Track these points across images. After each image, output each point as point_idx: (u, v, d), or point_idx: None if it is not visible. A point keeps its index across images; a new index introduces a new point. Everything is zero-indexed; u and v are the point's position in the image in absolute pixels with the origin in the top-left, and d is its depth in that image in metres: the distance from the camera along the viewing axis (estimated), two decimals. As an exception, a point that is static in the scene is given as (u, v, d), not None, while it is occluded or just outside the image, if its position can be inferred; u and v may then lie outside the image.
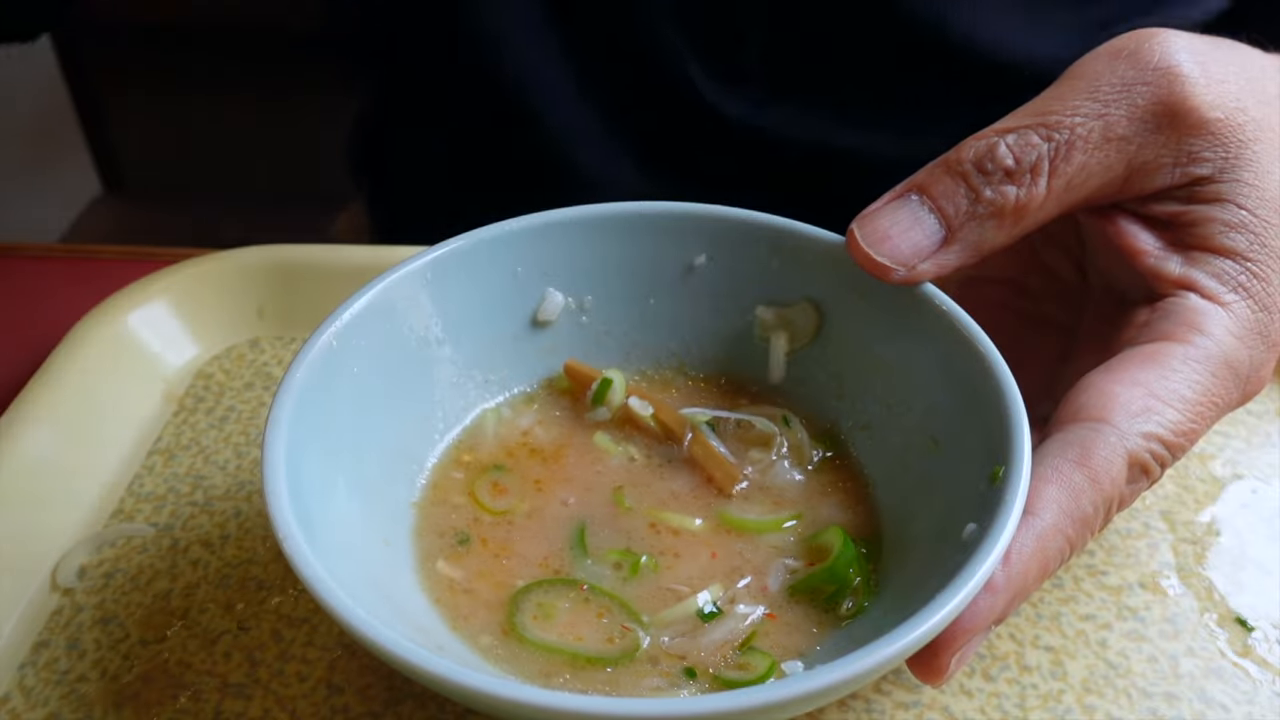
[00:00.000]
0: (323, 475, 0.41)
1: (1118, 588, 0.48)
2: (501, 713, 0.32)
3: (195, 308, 0.61)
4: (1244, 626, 0.46)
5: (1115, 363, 0.43)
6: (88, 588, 0.47)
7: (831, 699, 0.36)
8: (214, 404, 0.58)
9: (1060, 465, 0.39)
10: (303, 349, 0.42)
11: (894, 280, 0.44)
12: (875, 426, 0.48)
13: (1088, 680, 0.44)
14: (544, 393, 0.51)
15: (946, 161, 0.44)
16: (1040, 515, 0.38)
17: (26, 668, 0.44)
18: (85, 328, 0.58)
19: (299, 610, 0.46)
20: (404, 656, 0.32)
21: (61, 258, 0.72)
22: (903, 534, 0.44)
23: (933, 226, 0.44)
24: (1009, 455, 0.38)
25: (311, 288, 0.62)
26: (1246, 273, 0.44)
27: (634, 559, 0.44)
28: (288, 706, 0.42)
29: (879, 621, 0.39)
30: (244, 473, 0.53)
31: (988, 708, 0.43)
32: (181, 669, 0.44)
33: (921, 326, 0.45)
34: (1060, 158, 0.43)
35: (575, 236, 0.50)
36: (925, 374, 0.45)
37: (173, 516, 0.51)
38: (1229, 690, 0.44)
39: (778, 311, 0.50)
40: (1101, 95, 0.44)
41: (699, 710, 0.31)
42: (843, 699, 0.43)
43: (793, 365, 0.51)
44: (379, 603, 0.38)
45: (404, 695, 0.43)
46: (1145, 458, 0.40)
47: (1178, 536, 0.51)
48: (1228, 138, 0.44)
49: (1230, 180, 0.44)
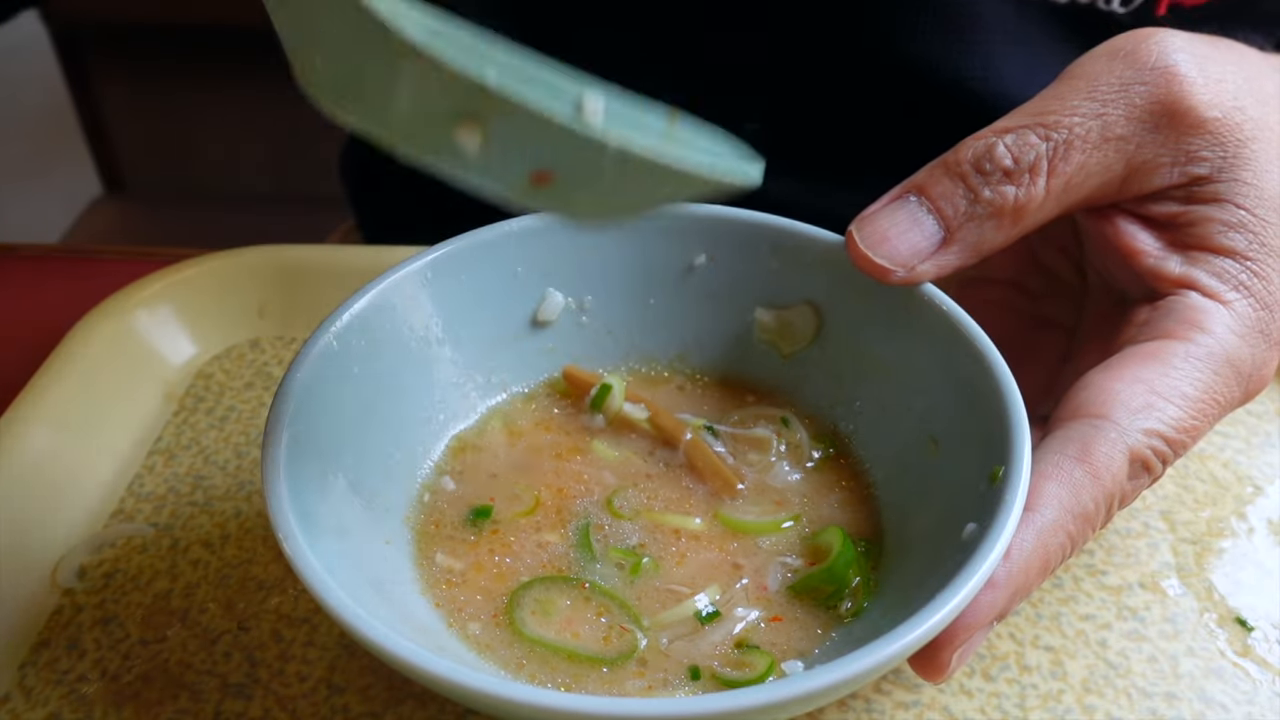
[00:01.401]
0: (323, 475, 0.41)
1: (1118, 588, 0.48)
2: (501, 713, 0.32)
3: (195, 308, 0.61)
4: (1244, 626, 0.46)
5: (1115, 361, 0.43)
6: (88, 588, 0.47)
7: (831, 699, 0.36)
8: (214, 404, 0.58)
9: (1061, 462, 0.39)
10: (303, 349, 0.42)
11: (893, 281, 0.44)
12: (875, 427, 0.48)
13: (1088, 680, 0.44)
14: (544, 393, 0.51)
15: (945, 162, 0.44)
16: (1041, 511, 0.38)
17: (26, 668, 0.44)
18: (85, 328, 0.58)
19: (299, 610, 0.46)
20: (404, 656, 0.32)
21: (61, 258, 0.72)
22: (903, 534, 0.44)
23: (931, 228, 0.44)
24: (1009, 455, 0.38)
25: (311, 288, 0.62)
26: (1247, 271, 0.44)
27: (636, 559, 0.44)
28: (288, 706, 0.42)
29: (879, 621, 0.39)
30: (244, 473, 0.53)
31: (988, 708, 0.43)
32: (181, 669, 0.44)
33: (921, 327, 0.45)
34: (1059, 158, 0.43)
35: (576, 236, 0.50)
36: (925, 374, 0.45)
37: (173, 516, 0.51)
38: (1229, 690, 0.44)
39: (777, 313, 0.50)
40: (1099, 95, 0.44)
41: (699, 710, 0.31)
42: (843, 699, 0.43)
43: (792, 366, 0.51)
44: (379, 603, 0.38)
45: (404, 695, 0.43)
46: (1146, 454, 0.40)
47: (1178, 536, 0.51)
48: (1226, 137, 0.44)
49: (1229, 180, 0.44)
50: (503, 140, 0.31)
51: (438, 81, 0.30)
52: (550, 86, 0.32)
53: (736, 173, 0.32)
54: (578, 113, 0.31)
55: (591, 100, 0.31)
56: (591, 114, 0.31)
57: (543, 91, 0.31)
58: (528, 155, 0.31)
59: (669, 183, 0.32)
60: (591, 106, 0.31)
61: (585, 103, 0.31)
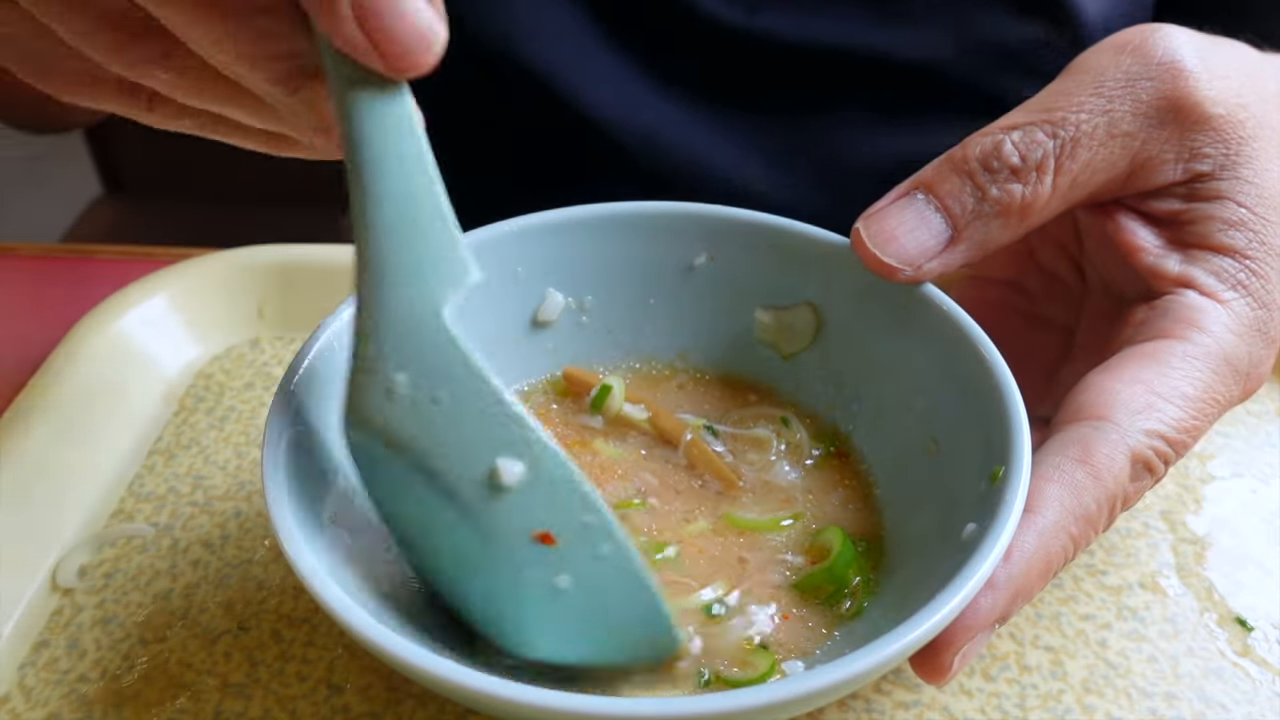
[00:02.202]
0: (323, 475, 0.41)
1: (1118, 588, 0.48)
2: (501, 713, 0.32)
3: (195, 308, 0.61)
4: (1244, 626, 0.46)
5: (1115, 362, 0.43)
6: (88, 588, 0.47)
7: (831, 699, 0.36)
8: (214, 404, 0.58)
9: (1062, 464, 0.39)
10: (303, 349, 0.42)
11: (900, 280, 0.44)
12: (875, 426, 0.48)
13: (1088, 680, 0.44)
14: (544, 392, 0.51)
15: (952, 159, 0.44)
16: (1042, 513, 0.38)
17: (26, 668, 0.44)
18: (85, 327, 0.58)
19: (299, 610, 0.46)
20: (404, 656, 0.32)
21: (61, 258, 0.72)
22: (903, 534, 0.44)
23: (939, 226, 0.44)
24: (1009, 455, 0.38)
25: (311, 288, 0.62)
26: (1245, 270, 0.44)
27: (660, 546, 0.44)
28: (288, 706, 0.42)
29: (879, 621, 0.39)
30: (244, 473, 0.53)
31: (988, 708, 0.43)
32: (181, 669, 0.44)
33: (921, 327, 0.45)
34: (1066, 155, 0.43)
35: (576, 236, 0.50)
36: (925, 374, 0.45)
37: (173, 516, 0.51)
38: (1229, 690, 0.44)
39: (777, 313, 0.50)
40: (1106, 91, 0.44)
41: (699, 710, 0.31)
42: (843, 699, 0.43)
43: (792, 366, 0.51)
44: (379, 603, 0.38)
45: (404, 695, 0.43)
46: (1148, 454, 0.40)
47: (1178, 536, 0.51)
48: (1229, 134, 0.44)
49: (1230, 178, 0.44)
50: (532, 490, 0.35)
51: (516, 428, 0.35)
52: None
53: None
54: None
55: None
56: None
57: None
58: (544, 515, 0.36)
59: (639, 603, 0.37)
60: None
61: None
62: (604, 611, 0.37)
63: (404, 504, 0.37)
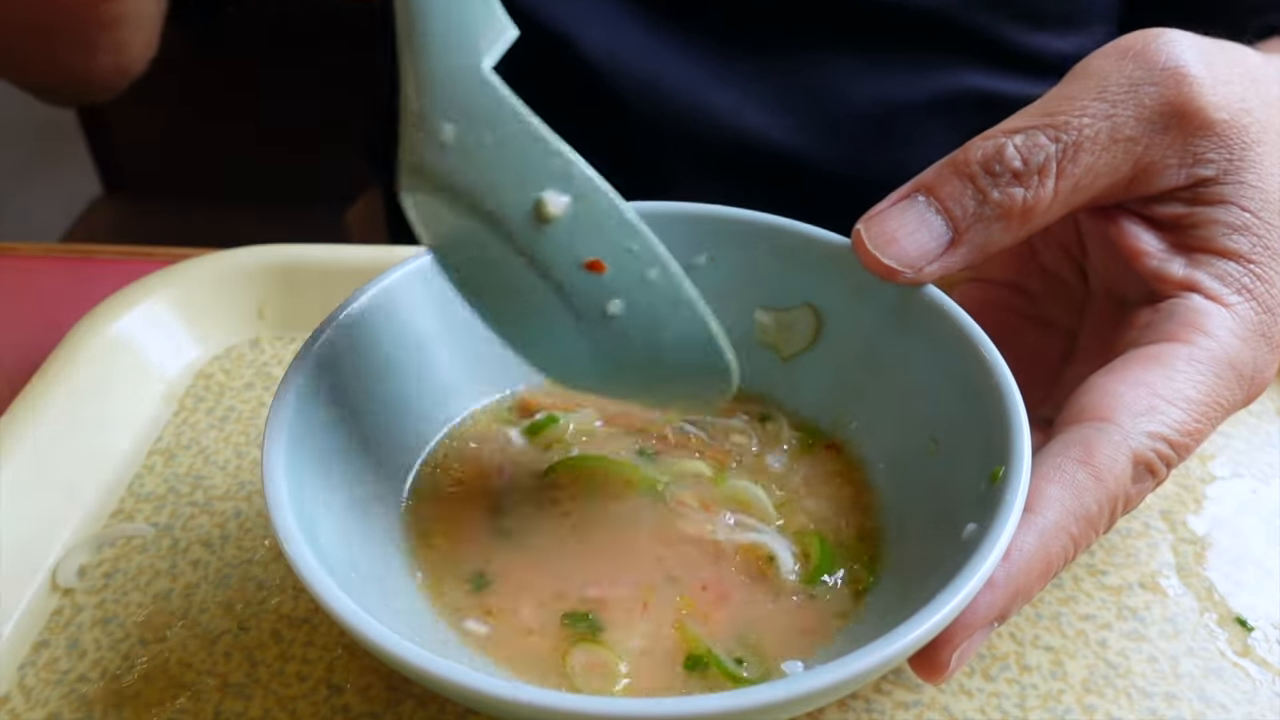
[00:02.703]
0: (323, 475, 0.41)
1: (1118, 588, 0.48)
2: (501, 713, 0.32)
3: (195, 308, 0.61)
4: (1244, 626, 0.46)
5: (1118, 364, 0.43)
6: (88, 588, 0.47)
7: (831, 699, 0.36)
8: (214, 404, 0.58)
9: (1063, 464, 0.39)
10: (303, 349, 0.42)
11: (901, 282, 0.44)
12: (875, 427, 0.48)
13: (1088, 680, 0.44)
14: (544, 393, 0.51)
15: (954, 162, 0.44)
16: (1042, 513, 0.38)
17: (26, 668, 0.44)
18: (85, 327, 0.58)
19: (299, 610, 0.46)
20: (404, 656, 0.32)
21: (61, 258, 0.72)
22: (903, 534, 0.44)
23: (940, 228, 0.44)
24: (1009, 455, 0.38)
25: (311, 288, 0.62)
26: (1250, 274, 0.44)
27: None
28: (288, 706, 0.42)
29: (879, 622, 0.39)
30: (244, 473, 0.53)
31: (988, 708, 0.43)
32: (181, 669, 0.44)
33: (921, 327, 0.45)
34: (1068, 159, 0.43)
35: None
36: (925, 374, 0.45)
37: (173, 516, 0.51)
38: (1229, 690, 0.44)
39: (776, 315, 0.50)
40: (1109, 95, 0.44)
41: (699, 710, 0.31)
42: (843, 699, 0.43)
43: (792, 367, 0.51)
44: (379, 603, 0.38)
45: (404, 695, 0.43)
46: (1150, 456, 0.40)
47: (1178, 536, 0.51)
48: (1232, 139, 0.44)
49: (1234, 182, 0.44)
50: (577, 220, 0.37)
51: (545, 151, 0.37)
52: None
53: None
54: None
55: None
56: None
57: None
58: (591, 244, 0.38)
59: (694, 349, 0.40)
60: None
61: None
62: (656, 335, 0.40)
63: (465, 250, 0.39)
